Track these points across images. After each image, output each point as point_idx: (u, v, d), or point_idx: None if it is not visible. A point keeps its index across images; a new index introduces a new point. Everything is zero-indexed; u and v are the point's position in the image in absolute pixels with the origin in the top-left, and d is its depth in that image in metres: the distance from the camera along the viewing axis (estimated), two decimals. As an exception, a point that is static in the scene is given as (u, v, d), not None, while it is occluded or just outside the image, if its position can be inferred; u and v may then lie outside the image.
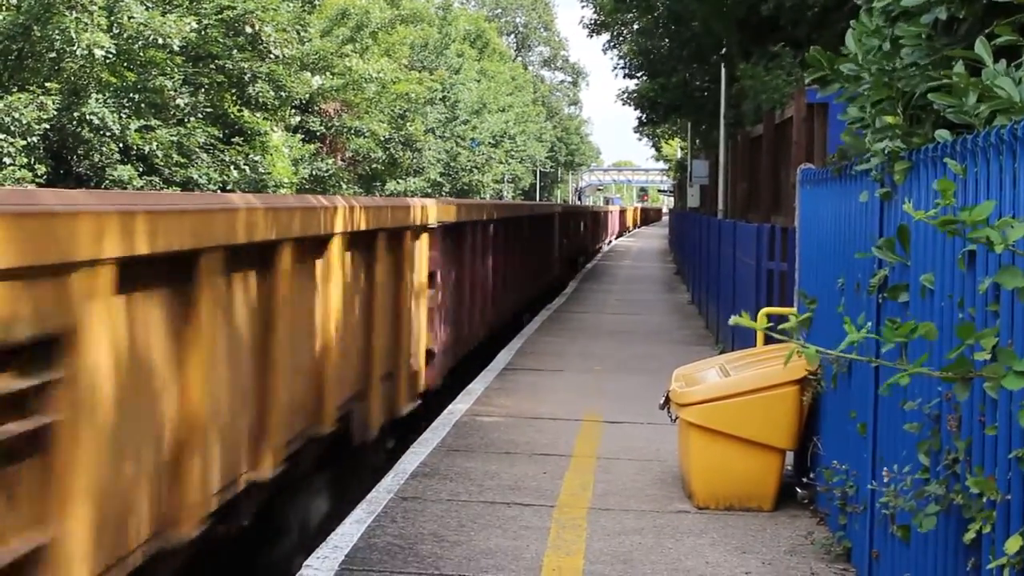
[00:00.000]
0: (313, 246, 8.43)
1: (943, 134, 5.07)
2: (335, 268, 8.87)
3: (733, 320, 4.20)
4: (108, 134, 29.19)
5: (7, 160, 26.63)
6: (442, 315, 13.55)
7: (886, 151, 5.85)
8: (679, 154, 72.47)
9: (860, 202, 6.61)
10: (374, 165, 46.46)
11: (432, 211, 12.62)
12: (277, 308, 7.50)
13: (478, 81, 73.92)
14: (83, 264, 4.79)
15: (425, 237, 12.54)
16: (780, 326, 5.00)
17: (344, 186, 42.96)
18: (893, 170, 5.83)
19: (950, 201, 3.88)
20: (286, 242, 7.55)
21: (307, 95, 39.95)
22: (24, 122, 26.70)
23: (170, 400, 5.95)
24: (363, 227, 9.56)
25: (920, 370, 3.87)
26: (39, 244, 4.44)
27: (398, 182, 51.65)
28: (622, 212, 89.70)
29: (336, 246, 8.83)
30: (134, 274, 5.36)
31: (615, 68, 43.31)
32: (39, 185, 26.05)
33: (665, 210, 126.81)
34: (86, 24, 27.49)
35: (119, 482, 5.39)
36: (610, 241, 67.19)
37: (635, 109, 42.28)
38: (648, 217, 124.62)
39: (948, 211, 4.02)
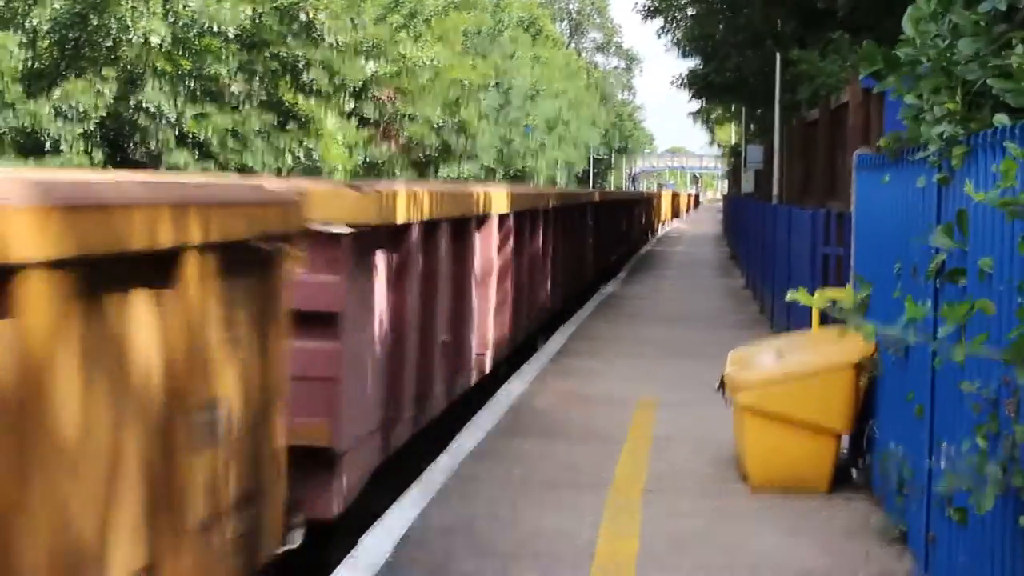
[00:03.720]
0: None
1: (1001, 119, 5.06)
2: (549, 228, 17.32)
3: (790, 295, 4.22)
4: (164, 121, 29.42)
5: (64, 147, 26.92)
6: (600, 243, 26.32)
7: (944, 136, 5.84)
8: (733, 139, 72.11)
9: (917, 187, 6.60)
10: (428, 151, 46.47)
11: (596, 195, 26.19)
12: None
13: (532, 67, 73.72)
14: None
15: (589, 208, 24.64)
16: (835, 302, 5.01)
17: (398, 172, 43.03)
18: (951, 155, 5.81)
19: (1012, 182, 3.89)
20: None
21: (361, 82, 40.02)
22: (81, 109, 26.99)
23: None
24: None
25: (979, 349, 3.88)
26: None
27: (452, 168, 51.65)
28: (675, 196, 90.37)
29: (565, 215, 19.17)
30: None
31: (668, 49, 42.98)
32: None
33: (718, 196, 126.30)
34: (142, 12, 27.73)
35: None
36: (663, 225, 67.26)
37: (689, 90, 42.05)
38: (698, 203, 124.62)
39: (1008, 192, 4.02)
